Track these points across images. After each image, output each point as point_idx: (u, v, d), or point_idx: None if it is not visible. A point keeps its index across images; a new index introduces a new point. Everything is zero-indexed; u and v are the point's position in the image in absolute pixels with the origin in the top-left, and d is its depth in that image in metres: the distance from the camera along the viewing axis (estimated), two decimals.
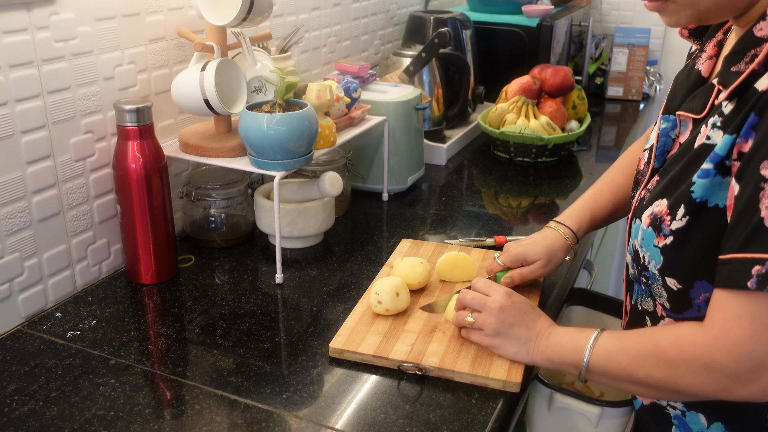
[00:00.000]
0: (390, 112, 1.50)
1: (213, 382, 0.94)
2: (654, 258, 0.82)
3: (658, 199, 0.82)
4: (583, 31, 2.46)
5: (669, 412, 0.91)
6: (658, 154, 0.89)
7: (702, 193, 0.76)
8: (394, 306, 1.04)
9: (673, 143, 0.88)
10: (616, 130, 2.19)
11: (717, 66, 0.86)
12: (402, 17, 2.14)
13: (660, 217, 0.81)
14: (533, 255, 1.10)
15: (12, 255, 1.04)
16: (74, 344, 1.02)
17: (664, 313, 0.85)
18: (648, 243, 0.82)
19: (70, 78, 1.07)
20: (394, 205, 1.54)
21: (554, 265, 1.11)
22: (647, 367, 0.80)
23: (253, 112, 1.13)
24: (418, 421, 0.86)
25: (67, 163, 1.10)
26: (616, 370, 0.83)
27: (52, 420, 0.86)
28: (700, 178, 0.76)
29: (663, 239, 0.80)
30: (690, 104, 0.85)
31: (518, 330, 0.93)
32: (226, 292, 1.17)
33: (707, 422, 0.86)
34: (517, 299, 0.96)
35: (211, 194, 1.30)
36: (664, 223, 0.80)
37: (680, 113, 0.86)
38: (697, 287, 0.79)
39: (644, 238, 0.83)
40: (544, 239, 1.12)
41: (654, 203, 0.83)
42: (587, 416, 1.00)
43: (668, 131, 0.88)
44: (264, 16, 1.18)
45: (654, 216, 0.82)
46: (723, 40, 0.88)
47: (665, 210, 0.80)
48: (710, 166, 0.75)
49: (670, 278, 0.81)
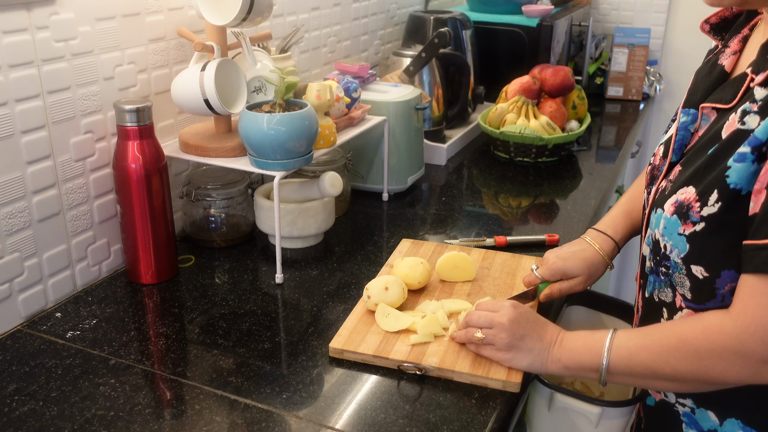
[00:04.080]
0: (390, 112, 1.50)
1: (213, 382, 0.94)
2: (678, 246, 0.81)
3: (684, 187, 0.81)
4: (583, 31, 2.46)
5: (678, 409, 0.90)
6: (676, 148, 0.88)
7: (737, 178, 0.75)
8: (382, 300, 1.04)
9: (691, 137, 0.88)
10: (616, 130, 2.19)
11: (741, 60, 0.86)
12: (402, 17, 2.14)
13: (687, 204, 0.79)
14: (574, 270, 1.07)
15: (12, 255, 1.04)
16: (74, 344, 1.02)
17: (683, 303, 0.84)
18: (671, 231, 0.81)
19: (70, 78, 1.07)
20: (394, 205, 1.54)
21: (594, 280, 1.08)
22: (674, 362, 0.79)
23: (253, 112, 1.13)
24: (418, 421, 0.86)
25: (67, 163, 1.10)
26: (640, 368, 0.82)
27: (52, 420, 0.86)
28: (737, 162, 0.75)
29: (691, 226, 0.79)
30: (718, 95, 0.84)
31: (530, 341, 0.91)
32: (226, 292, 1.17)
33: (719, 419, 0.86)
34: (524, 310, 0.95)
35: (211, 194, 1.30)
36: (692, 210, 0.79)
37: (705, 105, 0.85)
38: (724, 276, 0.78)
39: (667, 226, 0.82)
40: (584, 252, 1.08)
41: (678, 191, 0.81)
42: (587, 416, 1.00)
43: (687, 125, 0.87)
44: (264, 16, 1.18)
45: (679, 204, 0.80)
46: (748, 35, 0.88)
47: (693, 197, 0.79)
48: (747, 149, 0.74)
49: (697, 266, 0.80)
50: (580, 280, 1.07)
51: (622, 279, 2.90)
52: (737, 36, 0.89)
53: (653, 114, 2.73)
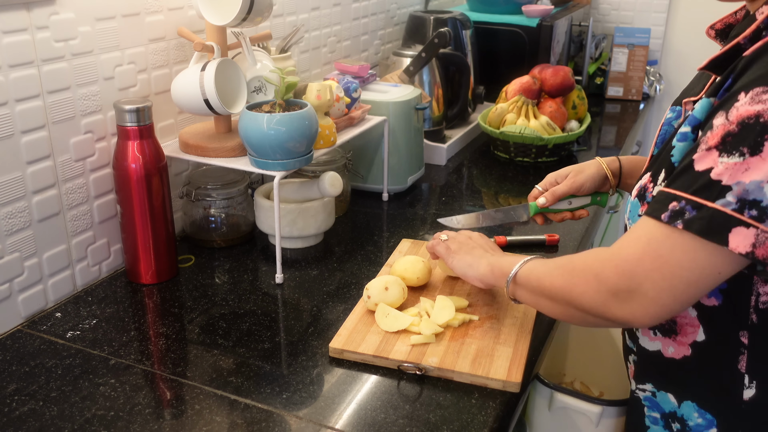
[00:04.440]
0: (390, 112, 1.50)
1: (213, 382, 0.94)
2: None
3: (646, 174, 0.85)
4: (583, 31, 2.46)
5: (638, 395, 0.92)
6: (658, 141, 0.91)
7: (679, 155, 0.78)
8: (382, 300, 1.04)
9: (674, 132, 0.90)
10: (616, 130, 2.19)
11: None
12: (402, 17, 2.14)
13: (644, 186, 0.84)
14: (565, 171, 1.15)
15: (12, 255, 1.04)
16: (74, 344, 1.02)
17: None
18: (633, 214, 0.85)
19: (70, 78, 1.07)
20: (394, 205, 1.54)
21: (584, 177, 1.13)
22: (554, 276, 0.85)
23: (253, 112, 1.13)
24: (418, 421, 0.86)
25: (67, 163, 1.10)
26: (533, 280, 0.89)
27: (52, 420, 0.86)
28: (679, 142, 0.79)
29: (646, 206, 0.82)
30: (692, 89, 0.89)
31: (476, 251, 1.03)
32: (226, 292, 1.17)
33: (677, 401, 0.87)
34: (486, 239, 1.08)
35: (211, 194, 1.30)
36: (648, 191, 0.83)
37: (686, 100, 0.88)
38: None
39: (631, 209, 0.86)
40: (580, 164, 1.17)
41: (643, 177, 0.86)
42: (587, 415, 1.00)
43: (672, 120, 0.91)
44: (264, 16, 1.18)
45: (640, 188, 0.85)
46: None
47: (648, 179, 0.83)
48: (688, 129, 0.78)
49: None
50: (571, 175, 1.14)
51: None
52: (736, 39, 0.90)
53: (653, 114, 2.73)
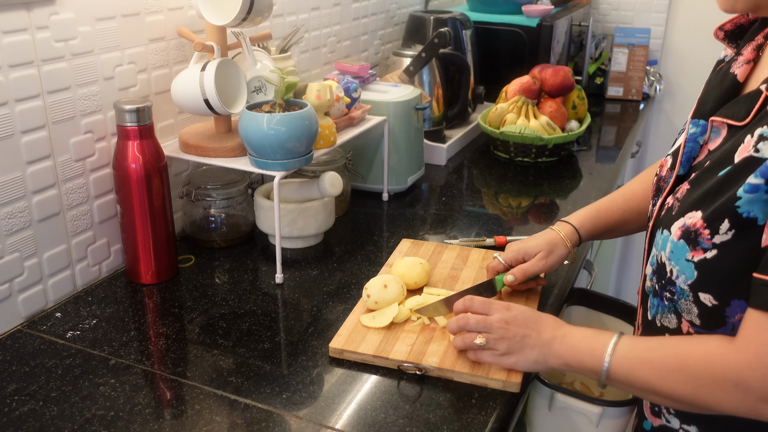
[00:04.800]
0: (390, 112, 1.50)
1: (213, 382, 0.94)
2: (685, 272, 0.78)
3: (691, 211, 0.78)
4: (583, 31, 2.46)
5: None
6: (684, 160, 0.85)
7: (749, 208, 0.72)
8: (382, 298, 1.05)
9: (700, 149, 0.85)
10: (616, 130, 2.19)
11: (755, 71, 0.83)
12: (402, 17, 2.14)
13: (695, 231, 0.76)
14: (533, 248, 1.10)
15: (12, 255, 1.04)
16: (74, 344, 1.02)
17: (692, 330, 0.82)
18: (679, 257, 0.78)
19: (70, 78, 1.07)
20: (394, 205, 1.54)
21: (556, 257, 1.10)
22: (672, 382, 0.78)
23: (253, 112, 1.13)
24: (418, 421, 0.86)
25: (67, 163, 1.10)
26: (639, 382, 0.82)
27: (52, 420, 0.86)
28: (747, 193, 0.71)
29: (701, 253, 0.76)
30: (730, 110, 0.80)
31: (530, 340, 0.91)
32: (226, 292, 1.17)
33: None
34: (517, 310, 0.94)
35: (211, 194, 1.30)
36: (701, 236, 0.76)
37: (715, 119, 0.82)
38: (734, 306, 0.76)
39: (674, 251, 0.79)
40: (544, 235, 1.13)
41: (686, 215, 0.78)
42: (588, 416, 1.00)
43: (696, 136, 0.85)
44: (264, 16, 1.18)
45: (686, 228, 0.78)
46: (763, 44, 0.84)
47: (700, 223, 0.76)
48: (760, 181, 0.70)
49: (705, 294, 0.77)
50: (541, 255, 1.09)
51: (622, 279, 2.90)
52: (751, 44, 0.85)
53: (653, 114, 2.73)
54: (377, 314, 1.04)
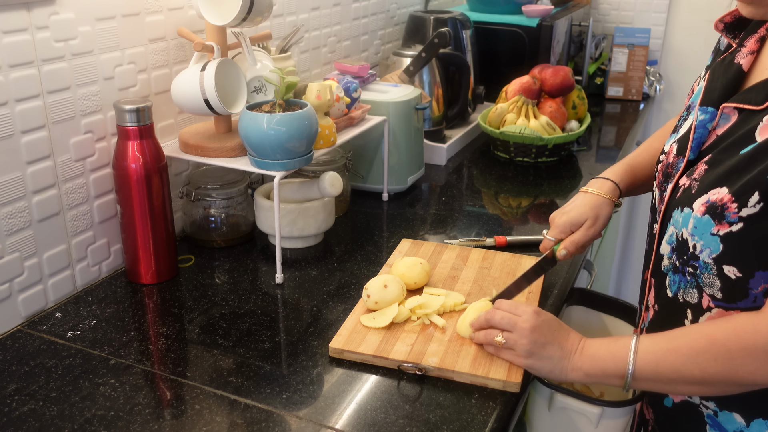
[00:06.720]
0: (390, 112, 1.50)
1: (213, 382, 0.94)
2: (710, 246, 0.80)
3: (716, 188, 0.80)
4: (583, 31, 2.46)
5: (702, 411, 0.89)
6: (694, 145, 0.88)
7: None
8: (382, 298, 1.05)
9: (708, 135, 0.88)
10: (616, 130, 2.19)
11: (759, 60, 0.87)
12: (402, 17, 2.14)
13: (722, 205, 0.79)
14: (579, 217, 1.08)
15: (12, 255, 1.04)
16: (74, 344, 1.02)
17: (712, 304, 0.83)
18: (703, 231, 0.80)
19: (70, 78, 1.07)
20: (394, 205, 1.54)
21: (603, 221, 1.09)
22: (703, 363, 0.79)
23: (253, 112, 1.13)
24: (418, 421, 0.86)
25: (67, 163, 1.10)
26: (668, 371, 0.82)
27: (52, 420, 0.86)
28: None
29: (727, 227, 0.78)
30: (746, 96, 0.84)
31: (551, 349, 0.91)
32: (226, 292, 1.17)
33: (745, 420, 0.85)
34: (546, 317, 0.94)
35: (211, 194, 1.30)
36: (728, 210, 0.78)
37: (727, 105, 0.85)
38: (758, 277, 0.78)
39: (697, 226, 0.81)
40: (584, 198, 1.11)
41: (710, 192, 0.81)
42: (587, 416, 1.00)
43: (706, 123, 0.88)
44: (264, 16, 1.18)
45: (711, 204, 0.80)
46: (766, 35, 0.89)
47: (728, 197, 0.78)
48: None
49: (730, 266, 0.79)
50: (588, 224, 1.08)
51: (622, 279, 2.90)
52: (754, 36, 0.89)
53: (653, 114, 2.73)
54: (377, 314, 1.04)
